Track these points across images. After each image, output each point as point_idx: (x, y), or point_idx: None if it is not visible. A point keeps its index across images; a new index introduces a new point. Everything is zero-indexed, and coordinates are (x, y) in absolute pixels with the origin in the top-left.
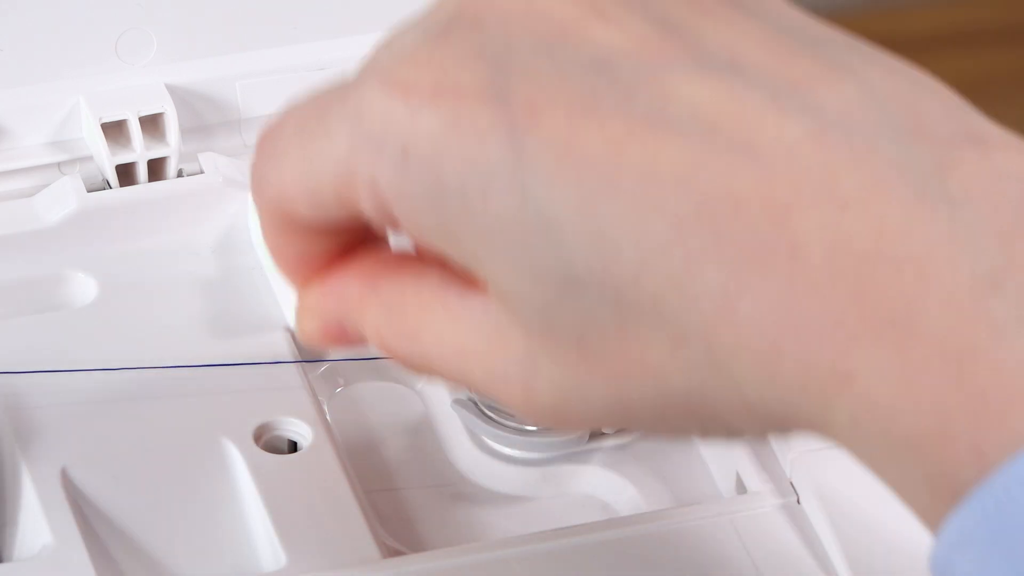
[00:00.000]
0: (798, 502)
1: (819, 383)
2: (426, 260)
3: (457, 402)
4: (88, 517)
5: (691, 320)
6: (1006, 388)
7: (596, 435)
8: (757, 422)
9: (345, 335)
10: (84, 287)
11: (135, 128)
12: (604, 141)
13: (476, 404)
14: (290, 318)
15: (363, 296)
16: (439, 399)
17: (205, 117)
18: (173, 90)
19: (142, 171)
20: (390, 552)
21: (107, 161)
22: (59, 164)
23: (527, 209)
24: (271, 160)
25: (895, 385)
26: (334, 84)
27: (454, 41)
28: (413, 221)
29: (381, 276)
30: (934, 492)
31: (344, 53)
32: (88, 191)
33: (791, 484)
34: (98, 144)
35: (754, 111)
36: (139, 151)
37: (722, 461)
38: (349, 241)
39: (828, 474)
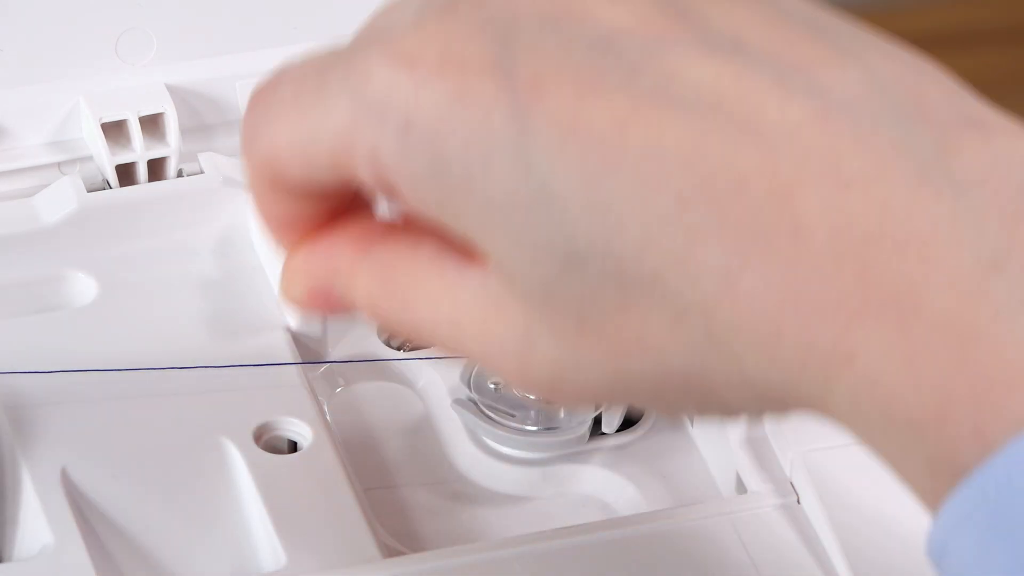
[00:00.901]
0: (798, 502)
1: (820, 363)
2: (421, 229)
3: (457, 402)
4: (88, 517)
5: (692, 298)
6: (1008, 371)
7: (596, 435)
8: (756, 400)
9: (331, 301)
10: (84, 287)
11: (135, 128)
12: (609, 118)
13: (476, 404)
14: (290, 318)
15: (354, 261)
16: (439, 399)
17: (205, 117)
18: (173, 90)
19: (142, 171)
20: (390, 552)
21: (107, 161)
22: (59, 164)
23: (530, 183)
24: (264, 120)
25: (896, 366)
26: (331, 50)
27: (460, 15)
28: (414, 193)
29: (374, 242)
30: (934, 474)
31: None
32: (88, 191)
33: (791, 484)
34: (98, 144)
35: (758, 91)
36: (139, 151)
37: (722, 461)
38: (339, 205)
39: (828, 474)
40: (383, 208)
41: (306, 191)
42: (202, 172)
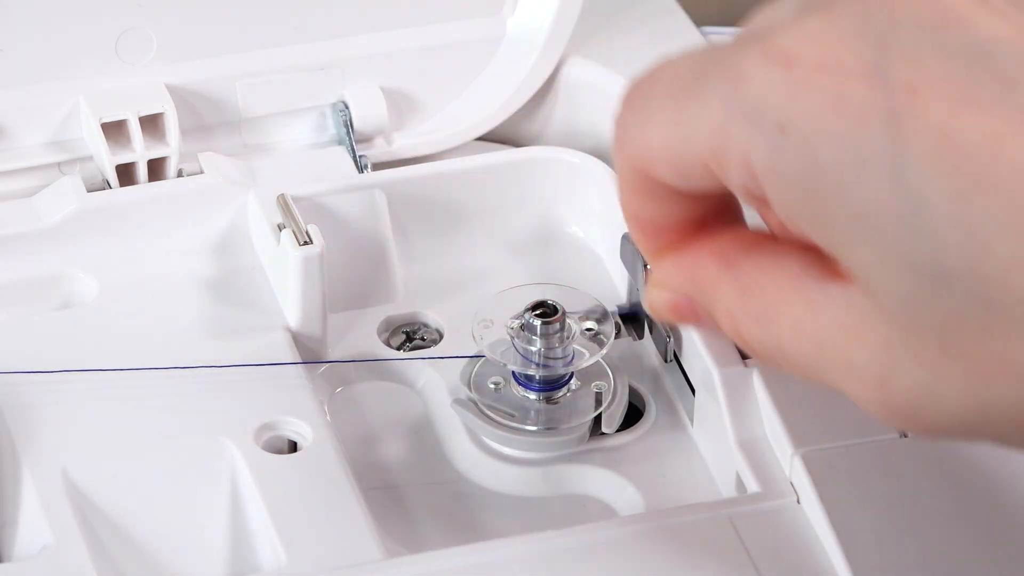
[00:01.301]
0: (798, 502)
1: None
2: (785, 243)
3: (457, 402)
4: (88, 517)
5: None
6: None
7: (596, 435)
8: None
9: (695, 313)
10: (84, 287)
11: (135, 128)
12: (984, 132)
13: (476, 404)
14: (290, 318)
15: (718, 274)
16: (439, 399)
17: (205, 117)
18: (173, 90)
19: (142, 171)
20: (390, 552)
21: (107, 161)
22: (59, 164)
23: (901, 194)
24: (638, 118)
25: None
26: (711, 47)
27: (838, 16)
28: (783, 201)
29: (738, 256)
30: None
31: (344, 53)
32: (88, 191)
33: (791, 484)
34: (98, 144)
35: None
36: (139, 151)
37: (722, 461)
38: (704, 212)
39: (828, 474)
40: (749, 218)
41: (674, 194)
42: (202, 172)
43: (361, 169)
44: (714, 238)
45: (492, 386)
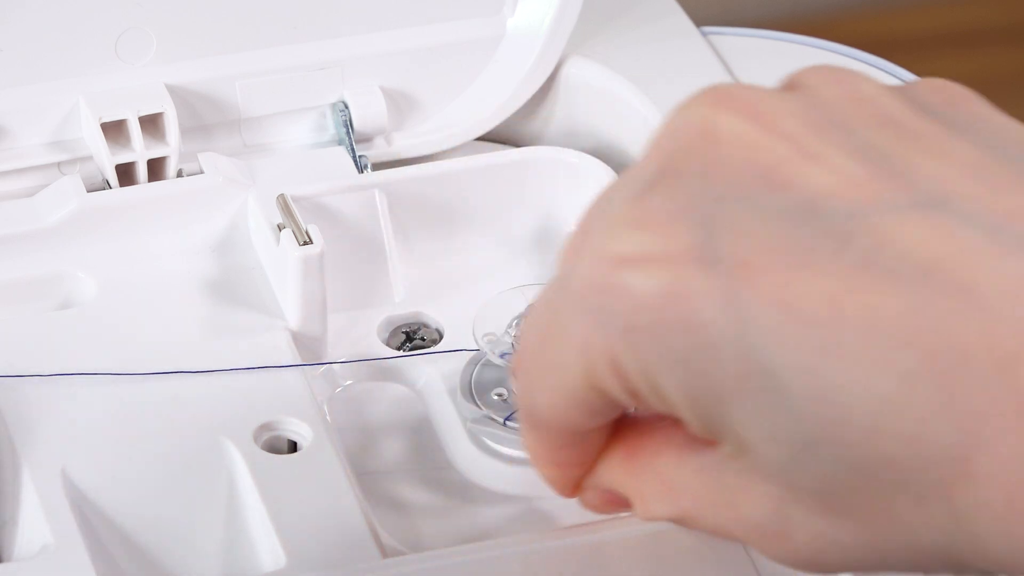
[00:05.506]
0: None
1: None
2: (668, 418)
3: (474, 421)
4: (88, 517)
5: (929, 479)
6: None
7: None
8: (1013, 573)
9: (622, 501)
10: (84, 287)
11: (135, 128)
12: (821, 295)
13: (477, 404)
14: (290, 318)
15: (626, 471)
16: (439, 399)
17: (205, 117)
18: (173, 90)
19: (142, 171)
20: (390, 552)
21: (107, 161)
22: (59, 164)
23: (753, 375)
24: (529, 384)
25: None
26: (558, 275)
27: (659, 199)
28: (651, 390)
29: (638, 446)
30: None
31: (344, 53)
32: (88, 191)
33: None
34: (98, 144)
35: (972, 251)
36: (139, 151)
37: None
38: (612, 429)
39: None
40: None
41: (582, 429)
42: (202, 172)
43: (361, 169)
44: (621, 439)
45: (496, 397)
